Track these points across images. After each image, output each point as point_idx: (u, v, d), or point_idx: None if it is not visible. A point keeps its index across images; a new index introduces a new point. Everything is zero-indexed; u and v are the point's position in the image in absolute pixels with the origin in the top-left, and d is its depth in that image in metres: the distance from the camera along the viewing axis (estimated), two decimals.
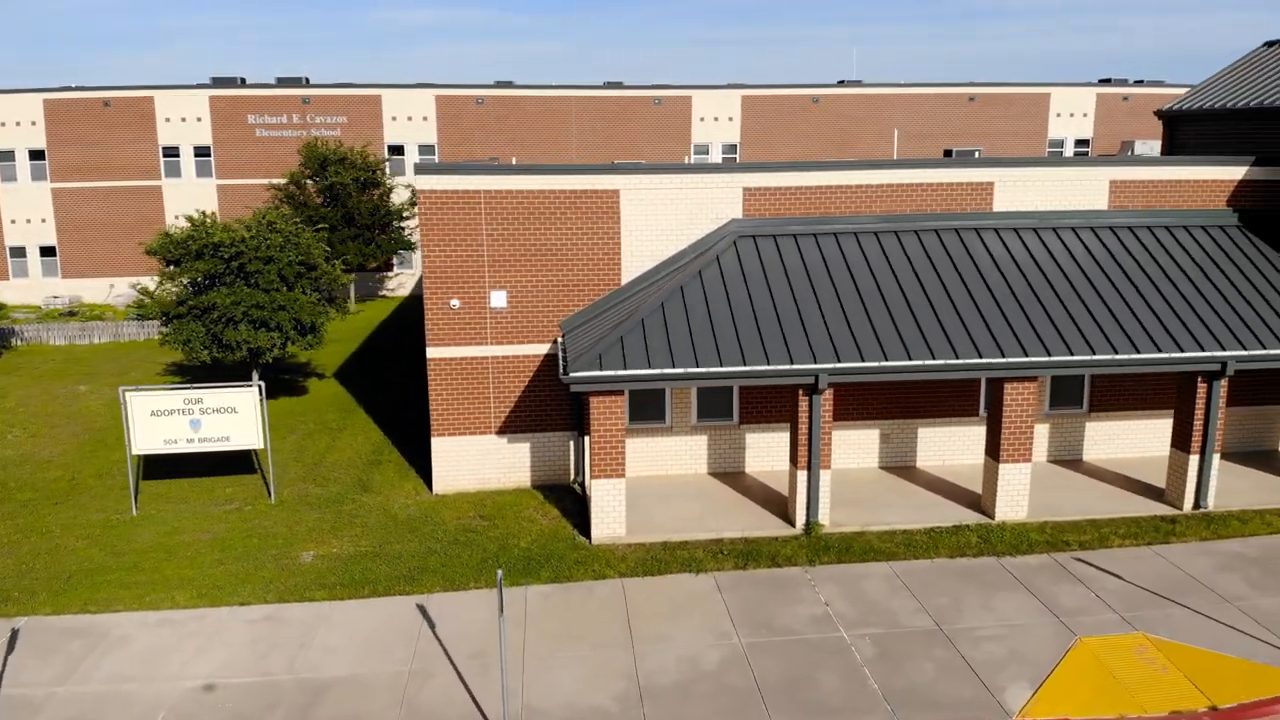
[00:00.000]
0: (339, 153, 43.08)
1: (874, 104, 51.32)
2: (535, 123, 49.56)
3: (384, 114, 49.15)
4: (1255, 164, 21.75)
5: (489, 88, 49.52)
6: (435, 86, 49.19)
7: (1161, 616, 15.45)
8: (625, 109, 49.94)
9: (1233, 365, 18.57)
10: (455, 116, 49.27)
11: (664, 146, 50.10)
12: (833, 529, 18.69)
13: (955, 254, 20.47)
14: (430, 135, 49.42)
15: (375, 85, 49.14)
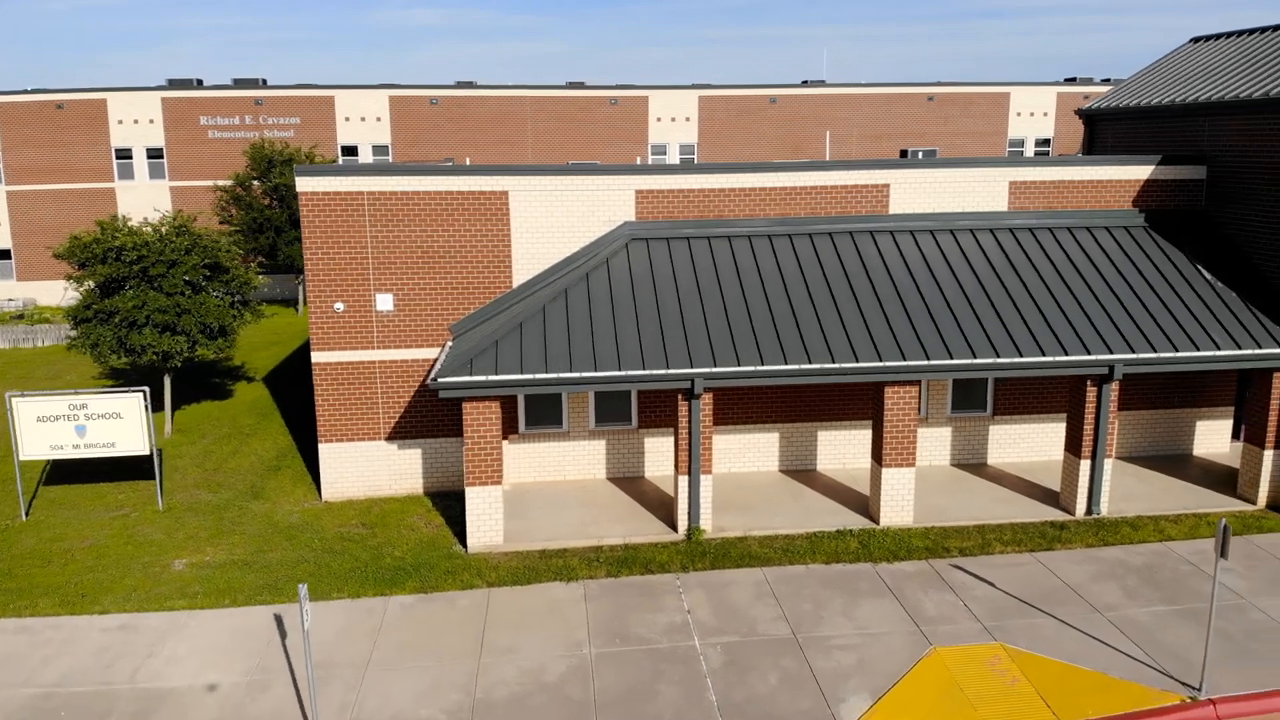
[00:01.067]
0: (285, 154, 42.83)
1: (831, 104, 51.06)
2: (490, 123, 49.32)
3: (337, 115, 48.92)
4: (1161, 163, 21.47)
5: (443, 88, 49.27)
6: (389, 87, 48.95)
7: (1026, 626, 15.16)
8: (582, 109, 49.70)
9: (1120, 369, 18.29)
10: (409, 117, 49.04)
11: (621, 147, 49.87)
12: (715, 534, 18.42)
13: (847, 257, 20.20)
14: (384, 136, 49.19)
15: (328, 86, 48.90)
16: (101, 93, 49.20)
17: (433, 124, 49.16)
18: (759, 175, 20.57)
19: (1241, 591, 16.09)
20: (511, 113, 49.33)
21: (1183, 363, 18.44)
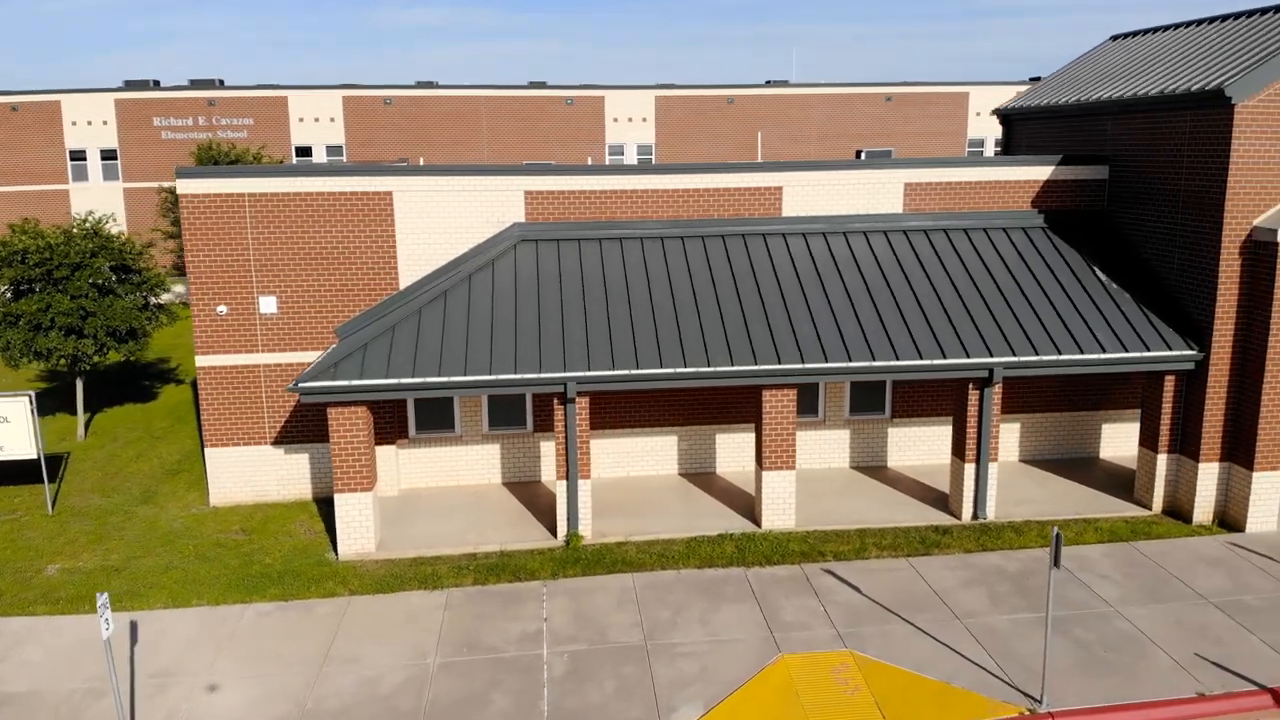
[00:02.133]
0: (231, 155, 42.70)
1: (788, 104, 50.87)
2: (445, 123, 49.18)
3: (291, 116, 48.80)
4: (1061, 164, 21.26)
5: (398, 88, 49.11)
6: (342, 87, 48.79)
7: (882, 633, 14.96)
8: (538, 110, 49.55)
9: (999, 372, 18.07)
10: (363, 118, 48.91)
11: (577, 147, 49.72)
12: (595, 540, 18.22)
13: (736, 260, 20.00)
14: (338, 136, 49.07)
15: (282, 86, 48.77)
16: (56, 95, 49.11)
17: (387, 124, 49.03)
18: (652, 177, 20.35)
19: (1112, 599, 15.87)
20: (466, 113, 49.18)
21: (1065, 365, 18.23)
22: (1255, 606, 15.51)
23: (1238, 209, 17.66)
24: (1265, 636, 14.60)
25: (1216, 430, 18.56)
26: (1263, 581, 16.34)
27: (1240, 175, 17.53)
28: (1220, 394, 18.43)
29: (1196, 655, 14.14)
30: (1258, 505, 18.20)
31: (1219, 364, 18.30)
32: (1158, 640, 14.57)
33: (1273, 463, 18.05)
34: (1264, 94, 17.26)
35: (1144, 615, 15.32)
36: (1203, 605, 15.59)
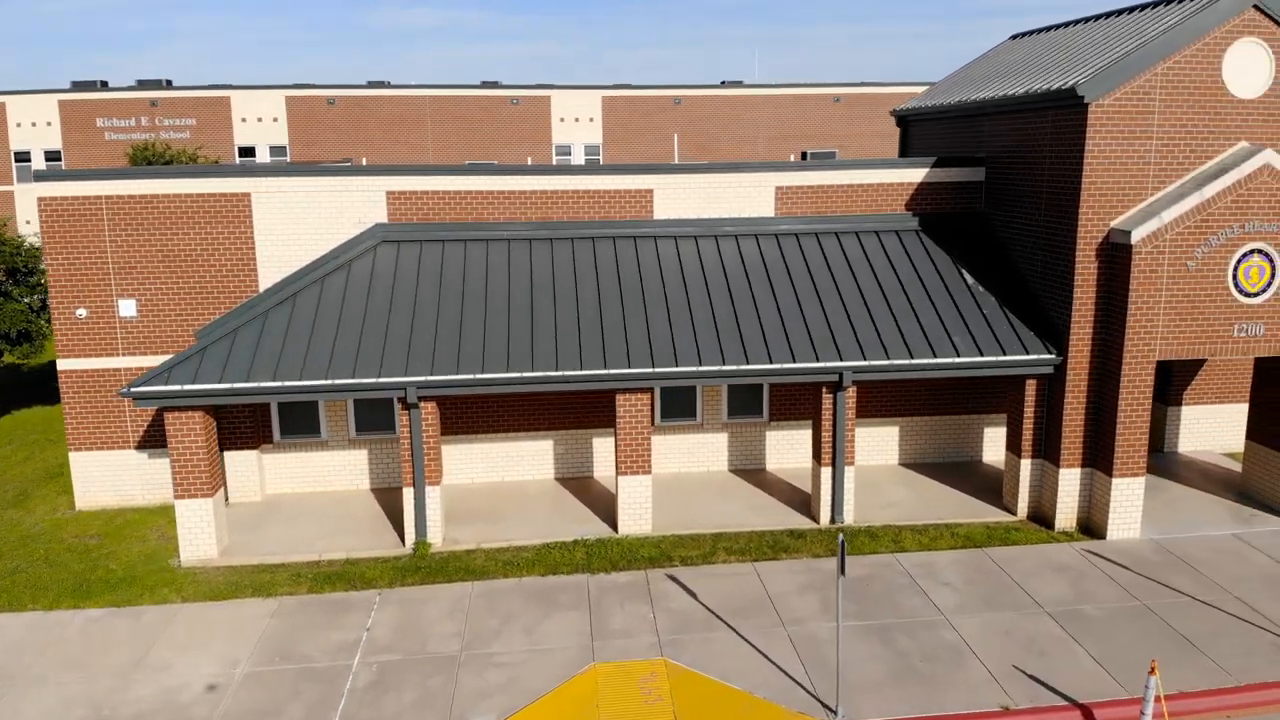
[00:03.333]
0: (166, 155, 42.47)
1: (735, 105, 50.66)
2: (389, 124, 48.97)
3: (233, 116, 48.58)
4: (936, 166, 21.05)
5: (342, 88, 48.90)
6: (285, 87, 48.58)
7: (702, 640, 14.73)
8: (483, 110, 49.31)
9: (849, 376, 17.86)
10: (306, 118, 48.68)
11: (523, 147, 49.50)
12: (445, 548, 18.00)
13: (603, 263, 19.78)
14: (281, 137, 48.84)
15: (224, 86, 48.54)
16: (1, 96, 48.88)
17: (330, 125, 48.81)
18: (519, 178, 20.14)
19: (946, 608, 15.64)
20: (411, 114, 48.96)
21: (917, 370, 18.02)
22: (1092, 617, 15.29)
23: (1093, 210, 17.44)
24: (1093, 649, 14.37)
25: (1077, 435, 18.34)
26: (1107, 591, 16.11)
27: (1095, 175, 17.31)
28: (1080, 399, 18.21)
29: (1015, 667, 13.92)
30: (1118, 512, 17.97)
31: (1077, 368, 18.09)
32: (980, 651, 14.35)
33: (1132, 469, 17.83)
34: (1118, 93, 17.04)
35: (974, 625, 15.09)
36: (1038, 615, 15.37)
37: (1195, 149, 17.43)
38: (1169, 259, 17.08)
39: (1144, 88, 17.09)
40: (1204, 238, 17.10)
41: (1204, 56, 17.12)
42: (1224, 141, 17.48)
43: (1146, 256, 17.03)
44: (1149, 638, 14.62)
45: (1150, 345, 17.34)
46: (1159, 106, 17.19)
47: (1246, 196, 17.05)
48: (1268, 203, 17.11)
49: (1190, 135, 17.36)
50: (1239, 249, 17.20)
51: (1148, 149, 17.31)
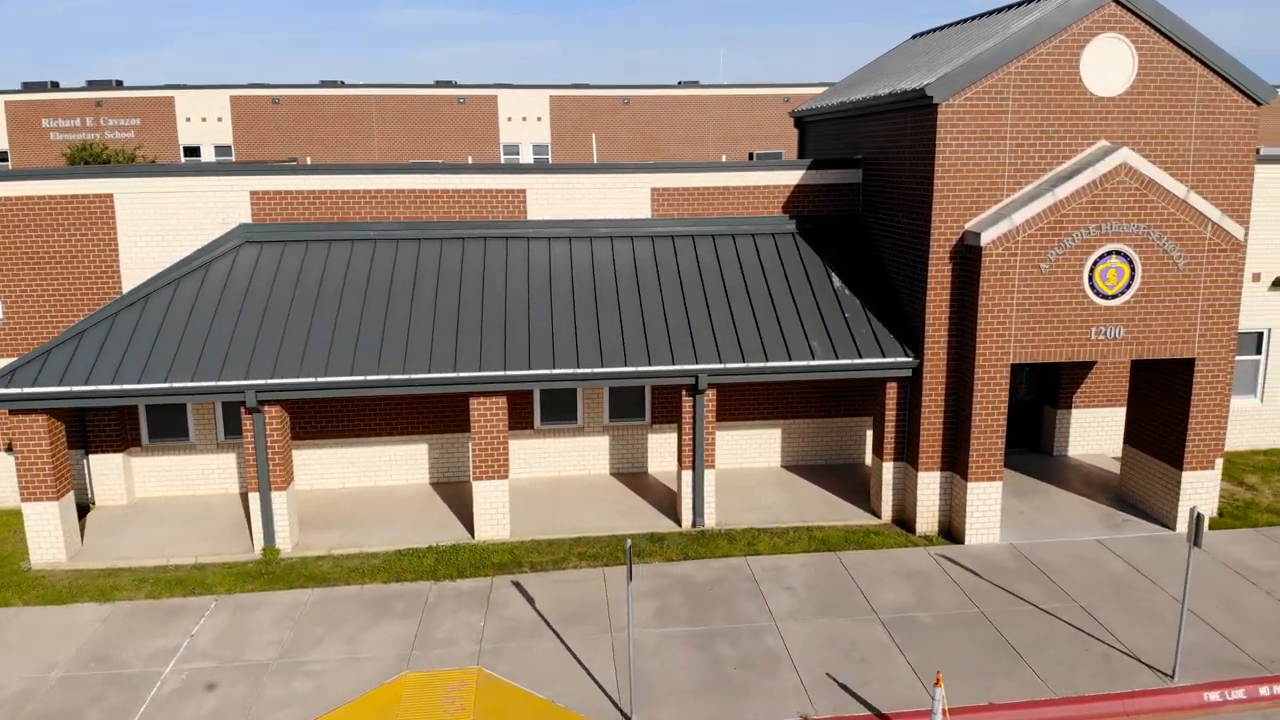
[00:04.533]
0: (103, 155, 42.27)
1: (685, 105, 50.42)
2: (335, 123, 48.76)
3: (178, 116, 48.38)
4: (812, 168, 20.83)
5: (287, 88, 48.69)
6: (230, 87, 48.37)
7: (524, 648, 14.52)
8: (429, 109, 49.10)
9: (705, 379, 17.65)
10: (252, 117, 48.47)
11: (471, 147, 49.27)
12: (295, 554, 17.79)
13: (470, 264, 19.57)
14: (226, 137, 48.64)
15: (169, 86, 48.34)
16: None
17: (276, 124, 48.61)
18: (388, 177, 19.93)
19: (780, 613, 15.44)
20: (357, 113, 48.75)
21: (774, 373, 17.81)
22: (925, 624, 15.08)
23: (946, 212, 17.23)
24: (914, 657, 14.16)
25: (935, 439, 18.13)
26: (948, 598, 15.91)
27: (947, 177, 17.10)
28: (937, 402, 18.00)
29: (829, 676, 13.71)
30: (975, 516, 17.77)
31: (934, 372, 17.88)
32: (799, 658, 14.14)
33: (988, 473, 17.62)
34: (968, 93, 16.83)
35: (802, 631, 14.88)
36: (869, 622, 15.16)
37: (1052, 149, 17.22)
38: (1021, 261, 16.87)
39: (996, 87, 16.87)
40: (1058, 239, 16.88)
41: (1061, 54, 16.90)
42: (1083, 141, 17.27)
43: (997, 259, 16.82)
44: (976, 647, 14.41)
45: (1003, 348, 17.13)
46: (1013, 106, 16.97)
47: (1103, 197, 16.83)
48: (1126, 203, 16.89)
49: (1047, 135, 17.15)
50: (1096, 250, 16.98)
51: (1002, 149, 17.10)
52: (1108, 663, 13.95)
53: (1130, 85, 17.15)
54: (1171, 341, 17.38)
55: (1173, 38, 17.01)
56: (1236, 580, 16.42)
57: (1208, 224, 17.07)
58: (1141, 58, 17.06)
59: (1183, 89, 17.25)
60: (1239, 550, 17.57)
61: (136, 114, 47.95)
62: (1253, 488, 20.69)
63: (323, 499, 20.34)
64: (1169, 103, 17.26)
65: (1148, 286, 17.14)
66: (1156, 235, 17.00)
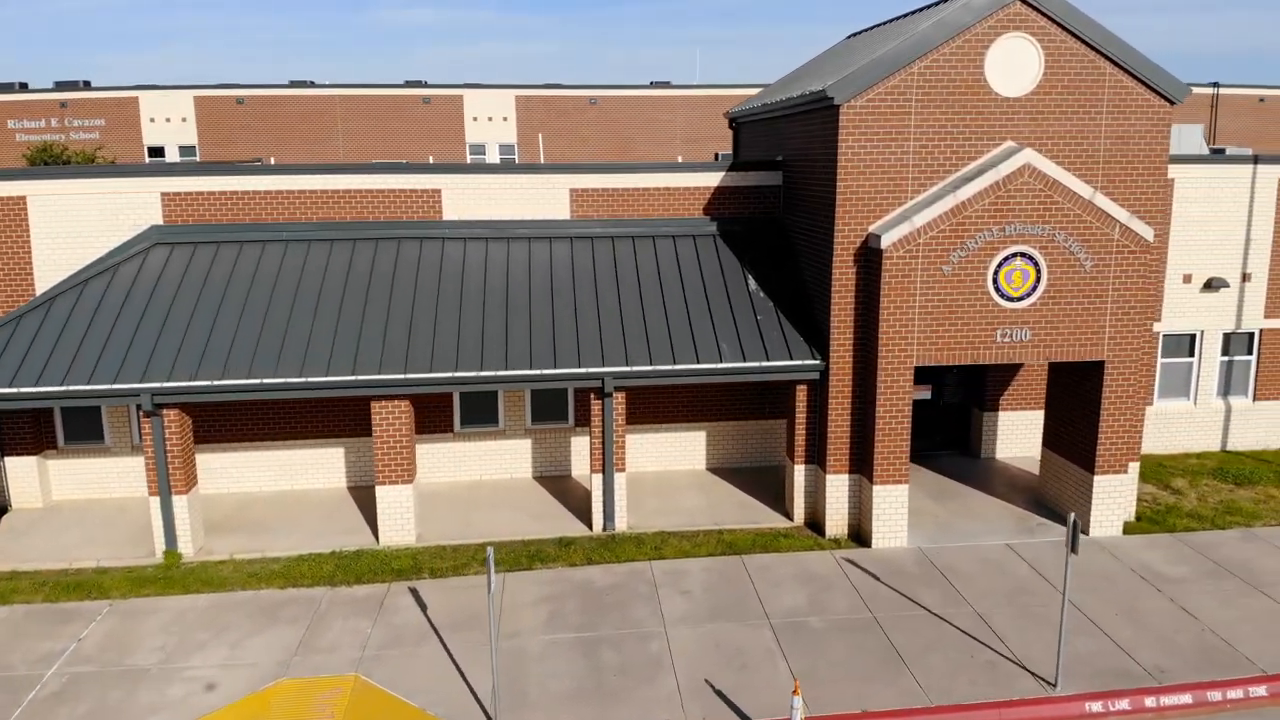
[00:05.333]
0: (63, 156, 42.13)
1: (653, 105, 50.26)
2: (299, 123, 48.62)
3: (142, 116, 48.23)
4: (732, 170, 20.68)
5: (252, 87, 48.54)
6: (194, 87, 48.22)
7: (406, 655, 14.35)
8: (394, 109, 48.95)
9: (611, 382, 17.50)
10: (216, 118, 48.33)
11: (437, 146, 49.11)
12: (197, 558, 17.64)
13: (380, 265, 19.43)
14: (190, 137, 48.49)
15: (133, 87, 48.18)
16: None
17: (240, 124, 48.46)
18: (301, 177, 19.78)
19: (672, 618, 15.29)
20: (321, 112, 48.61)
21: (680, 375, 17.67)
22: (815, 630, 14.92)
23: (850, 214, 17.08)
24: (797, 663, 14.00)
25: (842, 441, 17.99)
26: (844, 602, 15.75)
27: (850, 179, 16.94)
28: (844, 405, 17.86)
29: (707, 682, 13.57)
30: (881, 520, 17.62)
31: (840, 374, 17.74)
32: (681, 664, 13.99)
33: (893, 476, 17.47)
34: (870, 95, 16.67)
35: (689, 636, 14.73)
36: (759, 627, 15.01)
37: (957, 150, 17.06)
38: (923, 264, 16.71)
39: (899, 88, 16.72)
40: (960, 241, 16.73)
41: (964, 54, 16.75)
42: (989, 142, 17.11)
43: (898, 261, 16.66)
44: (861, 652, 14.26)
45: (907, 351, 16.98)
46: (916, 107, 16.82)
47: (1006, 198, 16.67)
48: (1030, 204, 16.74)
49: (951, 136, 16.99)
50: (1000, 252, 16.83)
51: (906, 151, 16.94)
52: (992, 670, 13.80)
53: (1037, 85, 17.00)
54: (1080, 344, 17.23)
55: (1081, 36, 16.85)
56: (1142, 587, 16.27)
57: (1115, 225, 16.91)
58: (1048, 57, 16.90)
59: (1092, 88, 17.09)
60: (1150, 556, 17.42)
61: (101, 115, 47.82)
62: (1178, 492, 20.54)
63: (236, 502, 20.20)
64: (1078, 102, 17.10)
65: (1054, 289, 16.99)
66: (1062, 237, 16.85)
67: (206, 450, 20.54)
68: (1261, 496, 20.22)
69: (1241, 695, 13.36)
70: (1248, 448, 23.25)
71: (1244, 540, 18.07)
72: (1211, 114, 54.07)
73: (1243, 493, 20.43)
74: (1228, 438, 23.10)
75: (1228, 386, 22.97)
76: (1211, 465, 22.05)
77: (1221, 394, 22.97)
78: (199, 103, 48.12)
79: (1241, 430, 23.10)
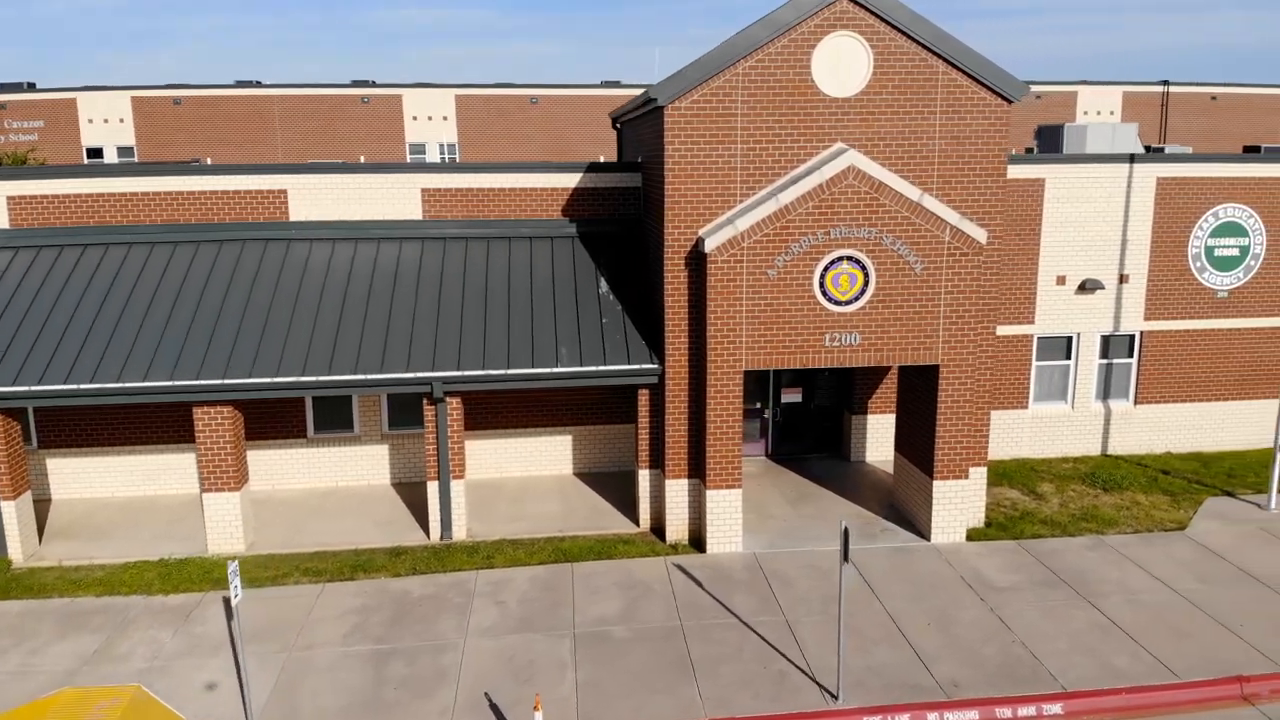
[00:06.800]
0: None
1: (593, 105, 49.97)
2: (238, 124, 48.38)
3: (80, 117, 48.02)
4: (589, 171, 20.40)
5: (189, 88, 48.29)
6: (131, 88, 47.99)
7: (194, 667, 14.05)
8: (333, 109, 48.70)
9: (440, 387, 17.23)
10: (153, 118, 48.11)
11: (377, 146, 48.88)
12: (29, 564, 17.40)
13: (220, 267, 19.17)
14: (128, 138, 48.27)
15: (71, 89, 47.98)
16: None
17: (178, 125, 48.24)
18: (145, 179, 19.52)
19: (476, 630, 15.00)
20: (259, 112, 48.37)
21: (515, 380, 17.39)
22: (617, 639, 14.66)
23: (679, 216, 16.81)
24: (585, 675, 13.72)
25: (681, 446, 17.73)
26: (657, 610, 15.48)
27: (678, 181, 16.67)
28: (681, 409, 17.59)
29: (485, 695, 13.31)
30: (715, 525, 17.36)
31: (676, 378, 17.47)
32: (467, 678, 13.72)
33: (726, 481, 17.21)
34: (695, 95, 16.39)
35: (486, 648, 14.46)
36: (562, 637, 14.74)
37: (786, 152, 16.78)
38: (748, 268, 16.44)
39: (725, 89, 16.44)
40: (785, 245, 16.45)
41: (790, 53, 16.46)
42: (818, 143, 16.83)
43: (723, 265, 16.39)
44: (655, 663, 14.00)
45: (735, 355, 16.70)
46: (743, 109, 16.54)
47: (831, 201, 16.39)
48: (855, 207, 16.46)
49: (780, 138, 16.71)
50: (826, 256, 16.55)
51: (734, 153, 16.66)
52: (780, 681, 13.54)
53: (867, 85, 16.71)
54: (912, 348, 16.95)
55: (911, 35, 16.57)
56: (966, 596, 15.99)
57: (946, 227, 16.63)
58: (878, 56, 16.62)
59: (925, 88, 16.80)
60: (987, 563, 17.14)
61: (41, 116, 47.62)
62: (1041, 497, 20.26)
63: (86, 508, 19.97)
64: (910, 102, 16.82)
65: (883, 292, 16.71)
66: (890, 240, 16.56)
67: (58, 455, 20.31)
68: (1126, 503, 19.93)
69: (1034, 712, 13.07)
70: (1129, 452, 22.96)
71: (1090, 548, 17.79)
72: (1162, 113, 53.73)
73: (1107, 499, 20.15)
74: (1108, 442, 22.81)
75: (1107, 390, 22.67)
76: (1086, 470, 21.76)
77: (1101, 397, 22.68)
78: (136, 104, 47.90)
79: (1123, 434, 22.80)
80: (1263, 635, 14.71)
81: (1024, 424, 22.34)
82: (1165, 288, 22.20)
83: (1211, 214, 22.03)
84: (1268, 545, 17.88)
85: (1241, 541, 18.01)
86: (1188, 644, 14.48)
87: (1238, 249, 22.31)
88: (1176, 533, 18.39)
